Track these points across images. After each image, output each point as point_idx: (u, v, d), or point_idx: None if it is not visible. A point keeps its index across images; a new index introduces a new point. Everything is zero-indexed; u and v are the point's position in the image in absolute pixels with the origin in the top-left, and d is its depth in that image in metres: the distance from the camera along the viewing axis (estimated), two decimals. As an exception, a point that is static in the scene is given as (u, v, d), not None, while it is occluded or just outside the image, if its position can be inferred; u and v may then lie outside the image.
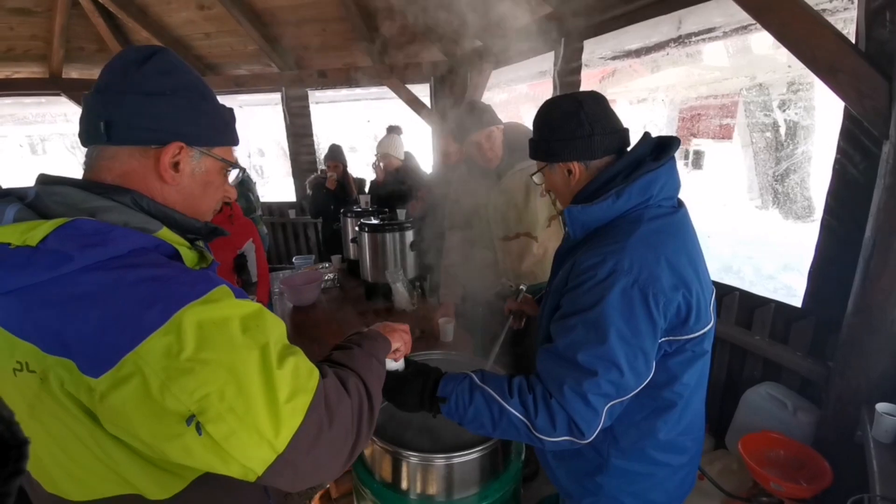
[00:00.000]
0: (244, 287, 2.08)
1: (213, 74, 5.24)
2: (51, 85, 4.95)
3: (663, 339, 0.90)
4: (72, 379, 0.55)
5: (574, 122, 0.98)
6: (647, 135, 1.01)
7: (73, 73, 5.14)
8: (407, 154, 3.54)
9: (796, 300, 1.97)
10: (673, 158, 0.98)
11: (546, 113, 1.03)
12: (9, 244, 0.56)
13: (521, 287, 1.64)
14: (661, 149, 0.99)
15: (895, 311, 1.34)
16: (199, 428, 0.54)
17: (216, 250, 1.85)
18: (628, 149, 1.02)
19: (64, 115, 10.04)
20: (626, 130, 1.03)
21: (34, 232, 0.57)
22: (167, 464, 0.62)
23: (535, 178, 1.13)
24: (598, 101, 1.00)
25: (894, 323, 1.35)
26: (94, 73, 5.29)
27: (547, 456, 1.19)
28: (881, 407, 1.28)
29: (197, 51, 5.03)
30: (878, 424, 1.27)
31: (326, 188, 3.90)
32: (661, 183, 0.93)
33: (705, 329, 0.93)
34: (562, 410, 0.87)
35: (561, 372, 0.89)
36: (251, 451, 0.57)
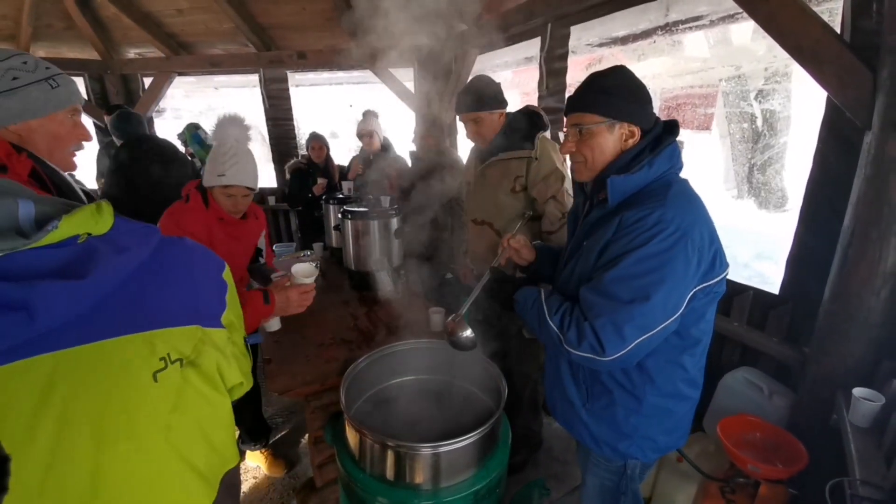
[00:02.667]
0: (263, 280, 2.03)
1: (187, 54, 5.02)
2: (16, 64, 4.69)
3: (698, 287, 1.01)
4: (223, 341, 0.63)
5: (646, 92, 1.10)
6: (656, 118, 1.14)
7: (40, 51, 4.88)
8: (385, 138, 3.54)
9: (769, 287, 2.02)
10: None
11: (624, 77, 1.10)
12: (78, 236, 0.53)
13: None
14: (668, 127, 1.13)
15: (872, 298, 1.38)
16: None
17: (239, 245, 1.83)
18: None
19: None
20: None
21: (101, 218, 0.55)
22: None
23: (585, 128, 1.09)
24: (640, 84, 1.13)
25: (871, 310, 1.39)
26: (61, 51, 5.02)
27: (582, 413, 1.25)
28: (858, 392, 1.32)
29: (169, 28, 4.80)
30: (854, 409, 1.31)
31: (307, 172, 3.82)
32: (678, 153, 1.09)
33: (726, 272, 1.07)
34: (592, 332, 1.00)
35: (599, 301, 1.01)
36: None
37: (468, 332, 1.38)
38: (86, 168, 1.95)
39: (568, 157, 1.19)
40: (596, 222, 1.13)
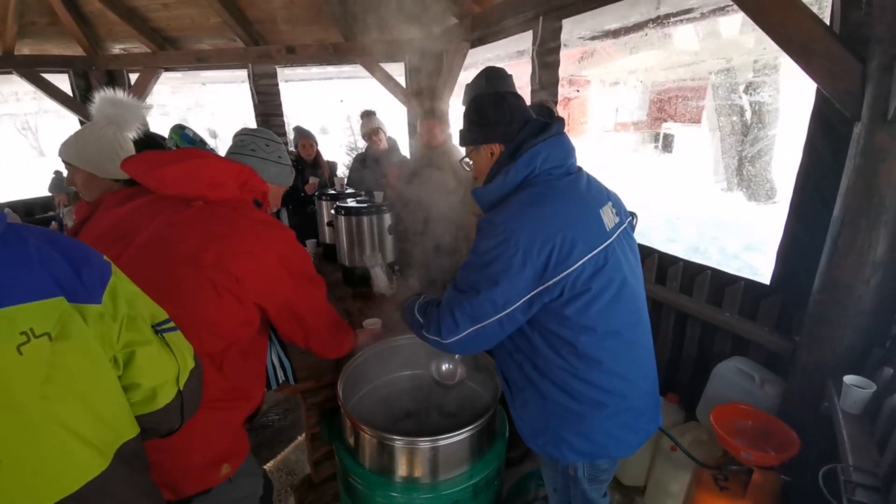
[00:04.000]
0: None
1: (173, 49, 4.94)
2: (2, 63, 4.58)
3: (538, 290, 1.05)
4: (97, 317, 0.67)
5: (502, 108, 1.17)
6: (530, 120, 1.17)
7: (24, 49, 4.79)
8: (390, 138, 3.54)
9: (758, 278, 2.05)
10: (556, 135, 1.14)
11: (474, 106, 1.21)
12: None
13: None
14: (541, 129, 1.17)
15: (861, 287, 1.40)
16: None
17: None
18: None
19: (15, 94, 9.32)
20: (536, 120, 1.19)
21: None
22: None
23: (464, 165, 1.30)
24: (516, 96, 1.21)
25: (860, 299, 1.41)
26: (46, 48, 4.92)
27: (511, 409, 1.31)
28: (849, 379, 1.34)
29: (154, 23, 4.71)
30: (846, 396, 1.33)
31: (297, 169, 3.78)
32: (544, 156, 1.11)
33: (574, 267, 1.04)
34: (437, 318, 1.14)
35: (448, 293, 1.16)
36: None
37: (461, 372, 1.51)
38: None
39: None
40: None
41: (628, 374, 1.15)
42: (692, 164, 11.14)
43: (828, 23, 1.44)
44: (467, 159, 1.29)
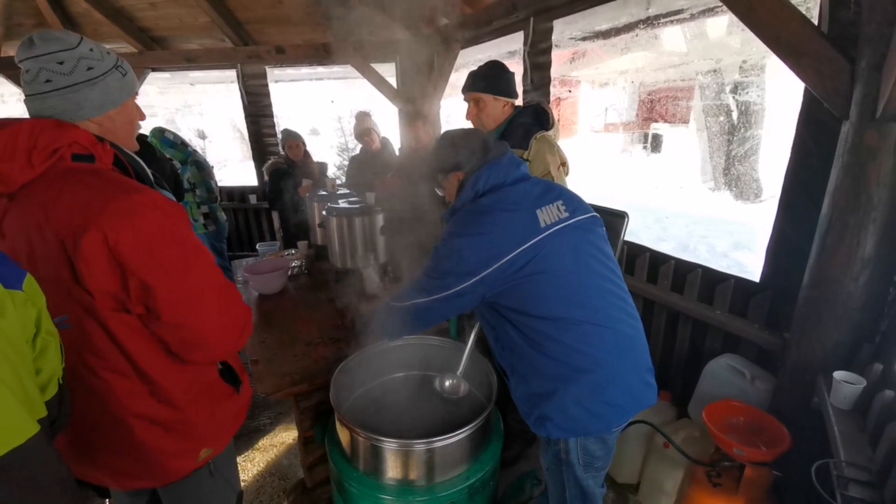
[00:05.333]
0: None
1: (161, 49, 4.88)
2: (-10, 66, 4.52)
3: (487, 271, 1.20)
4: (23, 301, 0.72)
5: (460, 147, 1.39)
6: (482, 145, 1.38)
7: (11, 50, 4.72)
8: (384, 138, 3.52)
9: (747, 276, 2.07)
10: (501, 156, 1.35)
11: (449, 138, 1.43)
12: None
13: None
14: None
15: (850, 283, 1.42)
16: None
17: None
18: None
19: (0, 96, 9.11)
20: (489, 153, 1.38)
21: None
22: None
23: (438, 190, 1.49)
24: (470, 135, 1.44)
25: (850, 295, 1.43)
26: (33, 50, 4.85)
27: (512, 391, 1.39)
28: (839, 375, 1.36)
29: (141, 22, 4.65)
30: (836, 392, 1.35)
31: (286, 171, 3.75)
32: (484, 178, 1.31)
33: (519, 249, 1.19)
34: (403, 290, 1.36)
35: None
36: None
37: (464, 388, 1.53)
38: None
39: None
40: None
41: (588, 349, 1.23)
42: (680, 164, 11.26)
43: (816, 23, 1.45)
44: (439, 188, 1.49)
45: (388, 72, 4.75)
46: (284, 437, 2.62)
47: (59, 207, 0.89)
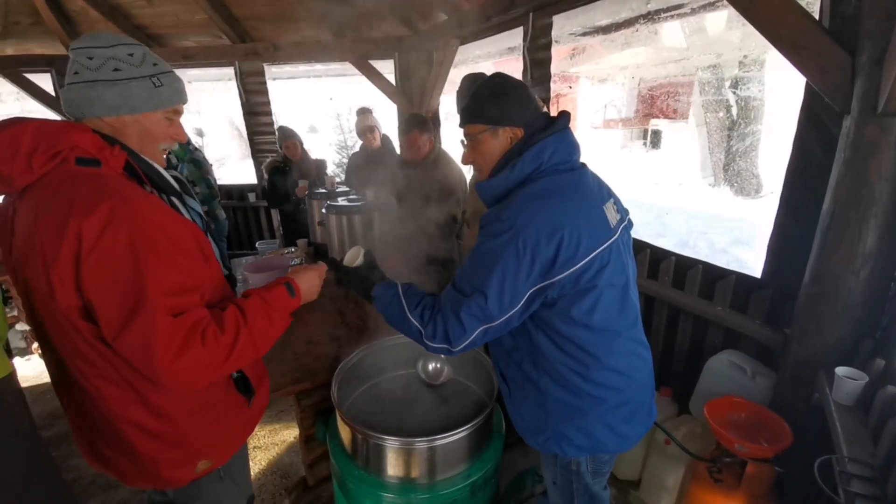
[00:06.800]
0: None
1: (158, 46, 4.85)
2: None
3: (539, 286, 1.02)
4: None
5: (526, 93, 1.13)
6: (541, 114, 1.15)
7: (8, 49, 4.70)
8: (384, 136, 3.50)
9: (747, 272, 2.06)
10: (563, 129, 1.12)
11: (498, 82, 1.14)
12: None
13: None
14: (550, 122, 1.14)
15: (851, 279, 1.41)
16: None
17: None
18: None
19: None
20: (543, 114, 1.17)
21: None
22: None
23: (465, 140, 1.20)
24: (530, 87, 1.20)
25: (851, 291, 1.43)
26: (29, 47, 4.81)
27: (509, 405, 1.29)
28: (841, 371, 1.35)
29: (138, 20, 4.62)
30: (838, 388, 1.34)
31: (284, 169, 3.74)
32: (551, 150, 1.08)
33: (580, 264, 1.02)
34: (442, 323, 1.06)
35: (449, 295, 1.08)
36: None
37: (447, 373, 1.53)
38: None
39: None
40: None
41: (626, 371, 1.15)
42: (680, 159, 11.25)
43: (817, 17, 1.44)
44: (467, 139, 1.18)
45: (387, 69, 4.73)
46: (286, 434, 2.62)
47: (46, 215, 0.86)
